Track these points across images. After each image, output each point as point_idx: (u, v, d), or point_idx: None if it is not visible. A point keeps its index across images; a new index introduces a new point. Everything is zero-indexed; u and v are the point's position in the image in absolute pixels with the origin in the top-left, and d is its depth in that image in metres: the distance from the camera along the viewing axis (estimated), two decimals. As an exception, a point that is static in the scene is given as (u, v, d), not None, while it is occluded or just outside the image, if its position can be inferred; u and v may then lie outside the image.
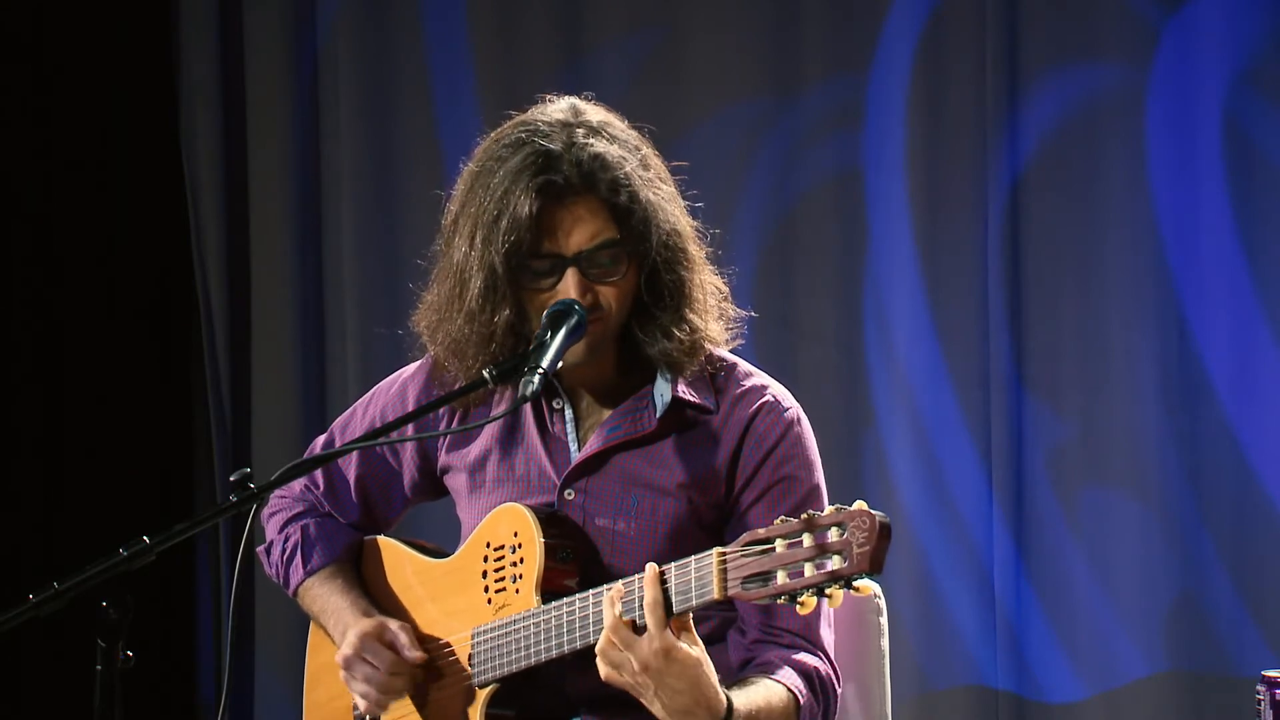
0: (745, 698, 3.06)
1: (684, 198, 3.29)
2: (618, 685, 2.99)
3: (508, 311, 3.17)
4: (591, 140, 3.16)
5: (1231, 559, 5.00)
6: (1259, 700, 3.63)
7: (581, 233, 3.14)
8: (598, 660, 2.99)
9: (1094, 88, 5.11)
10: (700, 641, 2.99)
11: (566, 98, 3.28)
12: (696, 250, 3.26)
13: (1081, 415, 5.11)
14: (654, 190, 3.19)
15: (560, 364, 3.10)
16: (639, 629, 2.96)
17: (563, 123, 3.19)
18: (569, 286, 3.14)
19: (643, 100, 5.43)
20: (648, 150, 3.24)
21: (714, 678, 2.99)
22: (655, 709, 2.99)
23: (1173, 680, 5.01)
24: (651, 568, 2.96)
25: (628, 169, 3.16)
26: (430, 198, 5.56)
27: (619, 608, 2.97)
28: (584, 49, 5.52)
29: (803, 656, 3.18)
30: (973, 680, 5.16)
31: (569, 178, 3.13)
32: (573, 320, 3.12)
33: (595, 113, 3.24)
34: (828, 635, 3.23)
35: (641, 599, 2.95)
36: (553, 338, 3.10)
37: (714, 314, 3.27)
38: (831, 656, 3.22)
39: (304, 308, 5.76)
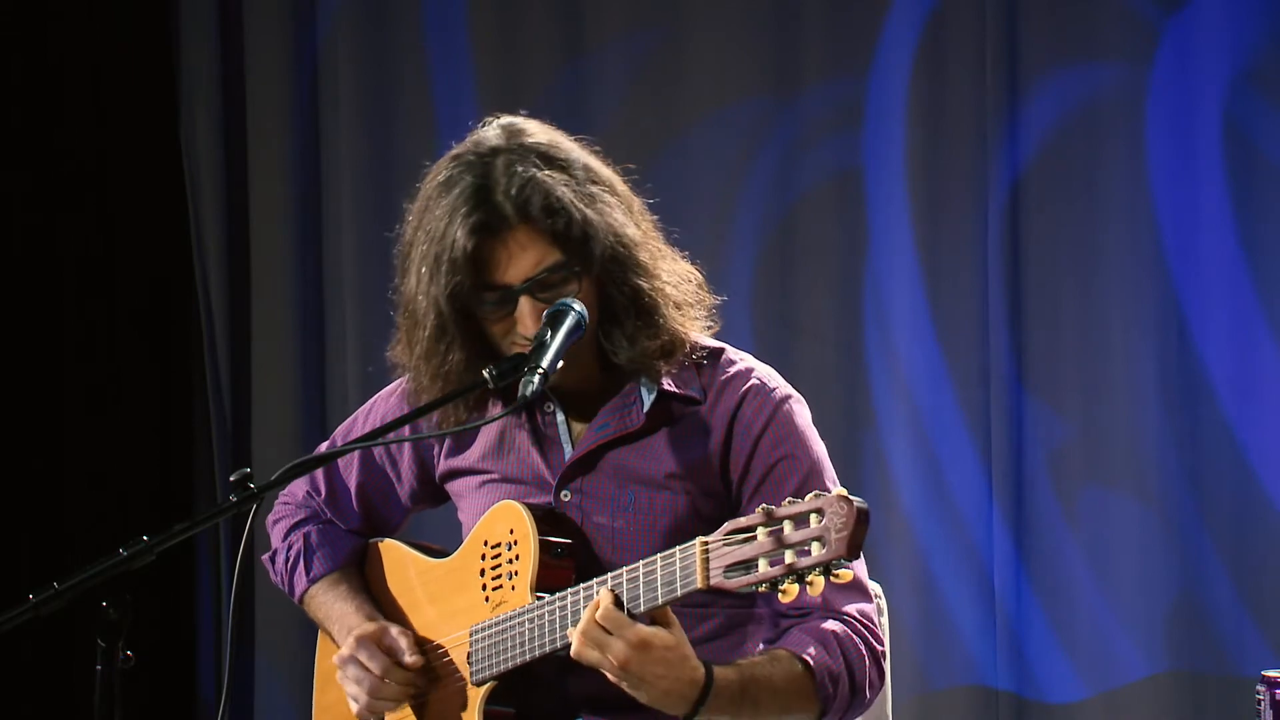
0: (734, 667, 3.06)
1: (650, 195, 3.27)
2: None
3: (459, 354, 3.18)
4: (521, 167, 3.15)
5: (1231, 559, 5.00)
6: (1259, 700, 3.64)
7: (524, 262, 3.14)
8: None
9: (1094, 88, 5.11)
10: (678, 624, 2.99)
11: (505, 118, 3.26)
12: (648, 253, 3.22)
13: (1081, 415, 5.11)
14: (595, 205, 3.17)
15: (560, 363, 3.10)
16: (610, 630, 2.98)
17: (495, 149, 3.18)
18: (524, 314, 3.14)
19: (643, 100, 5.43)
20: (592, 161, 3.22)
21: (689, 653, 2.99)
22: (640, 698, 3.00)
23: (1173, 680, 5.01)
24: (604, 583, 2.99)
25: (559, 191, 3.14)
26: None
27: (589, 614, 2.98)
28: (584, 49, 5.52)
29: (814, 622, 3.16)
30: (973, 680, 5.17)
31: (502, 210, 3.12)
32: (572, 320, 3.12)
33: (531, 132, 3.22)
34: (860, 605, 3.19)
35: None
36: (552, 338, 3.10)
37: (688, 306, 3.25)
38: (861, 618, 3.18)
39: (304, 308, 5.77)
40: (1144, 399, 5.04)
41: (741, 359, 3.29)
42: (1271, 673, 3.65)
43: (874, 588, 3.50)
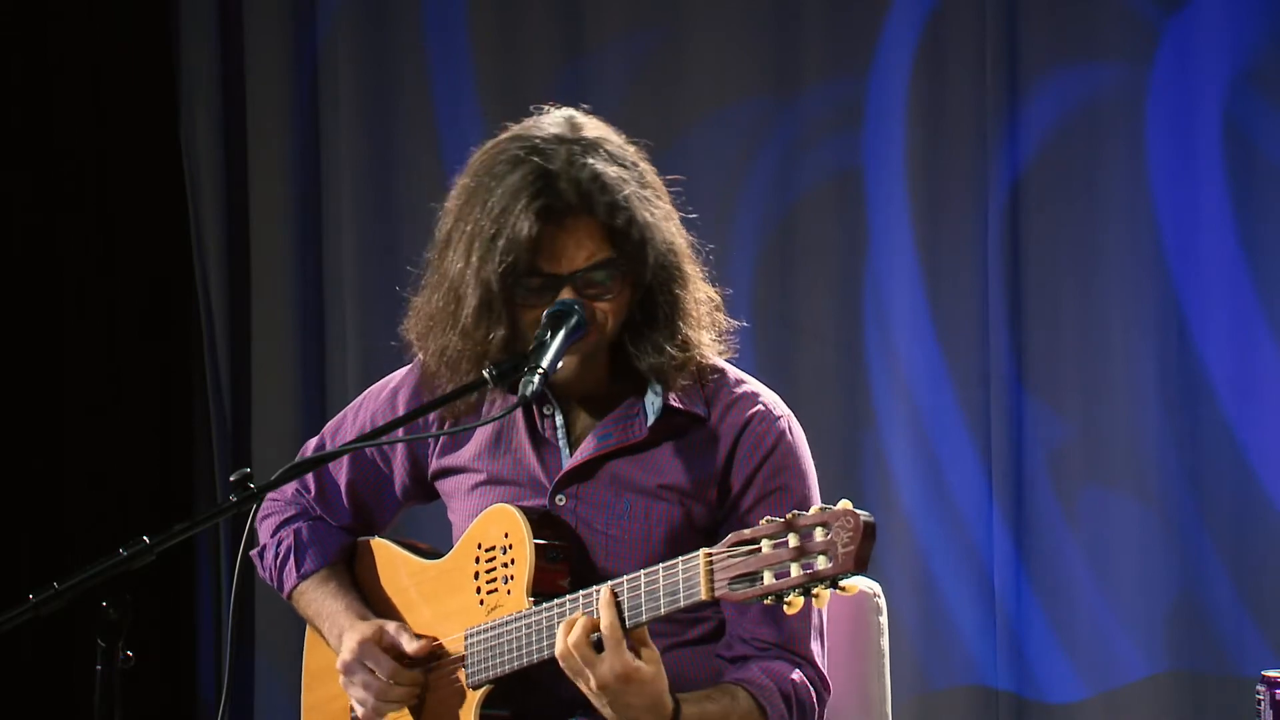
0: (698, 705, 3.10)
1: (680, 210, 3.28)
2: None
3: (502, 330, 3.16)
4: (590, 159, 3.15)
5: (1231, 559, 5.00)
6: (1259, 700, 3.64)
7: (577, 253, 3.13)
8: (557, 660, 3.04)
9: (1094, 88, 5.11)
10: (658, 659, 3.01)
11: (564, 109, 3.25)
12: (691, 267, 3.24)
13: (1081, 415, 5.11)
14: (651, 210, 3.18)
15: (560, 366, 3.10)
16: (599, 647, 2.99)
17: (560, 138, 3.17)
18: None
19: (643, 100, 5.43)
20: (645, 166, 3.23)
21: (665, 687, 3.03)
22: (604, 712, 3.04)
23: (1173, 680, 5.01)
24: (605, 589, 2.99)
25: (626, 191, 3.15)
26: (430, 198, 5.60)
27: (577, 633, 3.00)
28: (584, 49, 5.52)
29: (781, 666, 3.19)
30: (973, 680, 5.17)
31: (567, 199, 3.12)
32: (572, 320, 3.12)
33: (593, 127, 3.22)
34: (815, 647, 3.23)
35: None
36: (553, 338, 3.10)
37: (707, 328, 3.26)
38: (819, 666, 3.23)
39: (304, 308, 5.76)
40: (1144, 399, 5.04)
41: (746, 382, 3.30)
42: (1271, 673, 3.65)
43: (874, 587, 3.51)
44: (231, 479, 2.94)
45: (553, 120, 3.22)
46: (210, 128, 5.76)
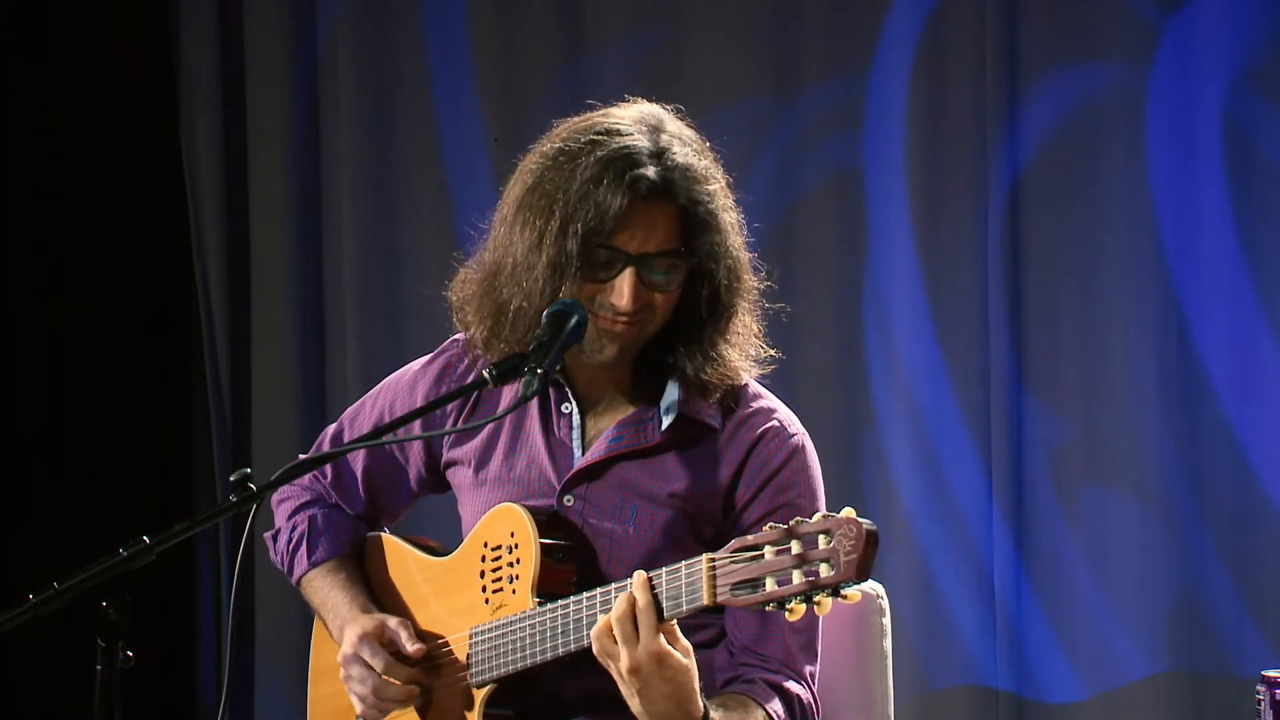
0: (722, 711, 3.09)
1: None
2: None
3: (571, 292, 3.16)
4: (680, 150, 3.18)
5: (1231, 559, 5.00)
6: (1259, 700, 3.64)
7: (652, 236, 3.15)
8: (590, 642, 3.02)
9: (1094, 88, 5.11)
10: (690, 650, 3.00)
11: (651, 104, 3.29)
12: (750, 280, 3.27)
13: (1081, 415, 5.11)
14: (728, 214, 3.22)
15: (559, 365, 3.11)
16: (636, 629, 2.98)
17: (653, 127, 3.21)
18: (623, 284, 3.13)
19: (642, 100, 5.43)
20: (722, 176, 3.25)
21: (696, 686, 3.01)
22: (633, 705, 3.01)
23: (1173, 680, 5.01)
24: (640, 574, 2.98)
25: (711, 186, 3.18)
26: (430, 198, 5.61)
27: (620, 608, 2.98)
28: (584, 49, 5.52)
29: (778, 678, 3.20)
30: (973, 680, 5.17)
31: (657, 179, 3.14)
32: (573, 321, 3.12)
33: (679, 125, 3.25)
34: (812, 667, 3.24)
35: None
36: (553, 339, 3.10)
37: (751, 345, 3.28)
38: (814, 688, 3.23)
39: (304, 308, 5.77)
40: (1144, 399, 5.04)
41: (763, 397, 3.30)
42: (1271, 673, 3.64)
43: (877, 588, 3.51)
44: (231, 479, 2.93)
45: (644, 110, 3.26)
46: (210, 128, 5.76)
